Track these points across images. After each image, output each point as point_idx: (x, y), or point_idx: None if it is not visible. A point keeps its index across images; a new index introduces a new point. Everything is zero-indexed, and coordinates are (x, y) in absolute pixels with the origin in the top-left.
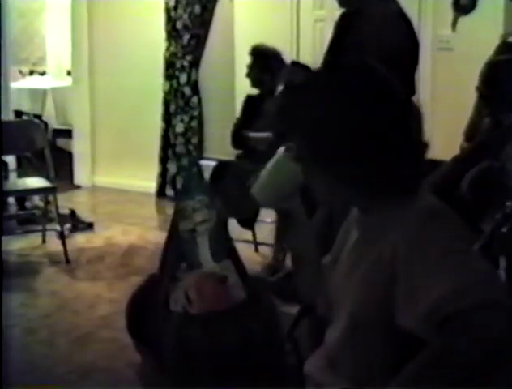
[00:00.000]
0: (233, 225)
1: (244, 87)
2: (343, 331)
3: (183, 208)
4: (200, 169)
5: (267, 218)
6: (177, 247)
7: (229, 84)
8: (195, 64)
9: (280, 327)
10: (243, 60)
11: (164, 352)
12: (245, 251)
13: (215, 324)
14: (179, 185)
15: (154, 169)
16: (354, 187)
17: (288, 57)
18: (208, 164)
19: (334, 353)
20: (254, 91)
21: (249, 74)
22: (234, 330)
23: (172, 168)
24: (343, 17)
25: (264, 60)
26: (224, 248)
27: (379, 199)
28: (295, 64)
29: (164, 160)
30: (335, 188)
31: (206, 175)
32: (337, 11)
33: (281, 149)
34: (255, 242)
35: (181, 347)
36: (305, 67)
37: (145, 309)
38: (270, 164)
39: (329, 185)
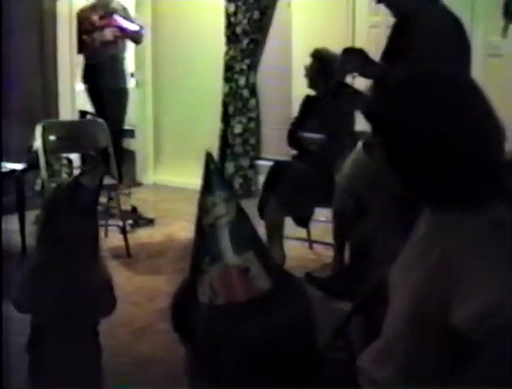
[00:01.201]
0: (289, 223)
1: (300, 90)
2: (400, 326)
3: (204, 204)
4: (218, 165)
5: (322, 217)
6: (200, 241)
7: (286, 87)
8: (253, 67)
9: (311, 318)
10: (300, 63)
11: (194, 344)
12: (299, 249)
13: (238, 314)
14: (237, 184)
15: None
16: (432, 187)
17: None
18: (265, 165)
19: (389, 349)
20: (311, 93)
21: (308, 76)
22: (257, 320)
23: (229, 167)
24: (398, 23)
25: (324, 63)
26: (246, 241)
27: (452, 203)
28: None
29: (222, 160)
30: (414, 186)
31: (263, 175)
32: (391, 18)
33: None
34: (310, 240)
35: (206, 338)
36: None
37: (186, 302)
38: (351, 158)
39: (408, 181)
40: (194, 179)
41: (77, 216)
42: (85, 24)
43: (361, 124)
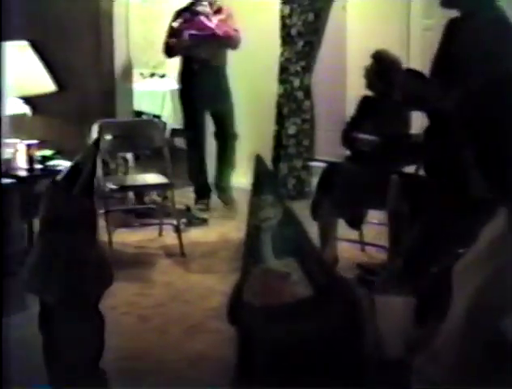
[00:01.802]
0: (342, 224)
1: (355, 92)
2: (457, 327)
3: (252, 205)
4: (267, 168)
5: (375, 219)
6: (247, 242)
7: (341, 89)
8: (308, 69)
9: (359, 320)
10: (354, 65)
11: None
12: (351, 251)
13: (270, 317)
14: (290, 185)
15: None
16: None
17: None
18: (319, 166)
19: (444, 349)
20: (368, 94)
21: (366, 77)
22: (291, 325)
23: (283, 168)
24: (450, 24)
25: (383, 65)
26: (289, 246)
27: None
28: (410, 71)
29: (275, 161)
30: (495, 186)
31: (317, 176)
32: (446, 20)
33: None
34: (362, 242)
35: (245, 337)
36: (419, 74)
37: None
38: None
39: (490, 181)
40: (248, 179)
41: (75, 197)
42: (168, 28)
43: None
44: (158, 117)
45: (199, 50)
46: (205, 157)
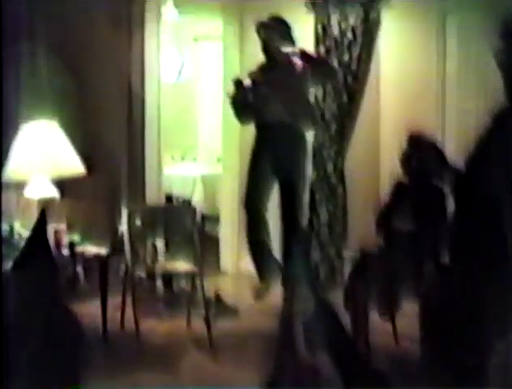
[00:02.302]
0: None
1: (389, 177)
2: None
3: (285, 296)
4: (308, 259)
5: (409, 310)
6: (280, 332)
7: (375, 174)
8: (341, 153)
9: None
10: (388, 150)
11: None
12: (385, 342)
13: None
14: (322, 274)
15: None
16: None
17: None
18: (351, 255)
19: None
20: (403, 180)
21: (402, 162)
22: None
23: (316, 256)
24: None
25: (419, 150)
26: (321, 340)
27: None
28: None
29: (307, 249)
30: None
31: (350, 264)
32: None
33: None
34: (396, 334)
35: None
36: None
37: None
38: None
39: None
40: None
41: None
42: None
43: None
44: (188, 202)
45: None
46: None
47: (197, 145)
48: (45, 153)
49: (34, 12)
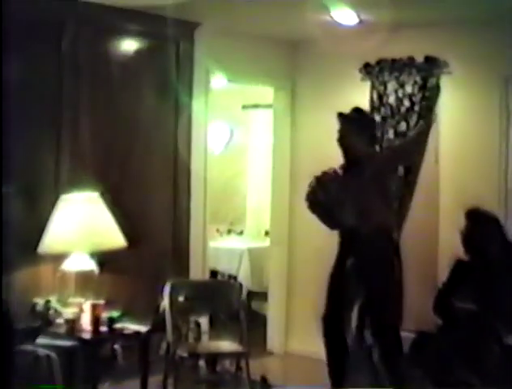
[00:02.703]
0: None
1: (448, 252)
2: None
3: None
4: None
5: None
6: None
7: (432, 250)
8: (398, 226)
9: None
10: (448, 223)
11: None
12: None
13: None
14: (375, 356)
15: None
16: None
17: None
18: (408, 336)
19: None
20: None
21: (463, 238)
22: None
23: (368, 338)
24: None
25: (479, 225)
26: None
27: None
28: None
29: (360, 329)
30: None
31: (406, 347)
32: None
33: None
34: None
35: None
36: None
37: None
38: None
39: None
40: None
41: None
42: None
43: None
44: (234, 277)
45: None
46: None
47: (244, 217)
48: (85, 225)
49: (78, 76)
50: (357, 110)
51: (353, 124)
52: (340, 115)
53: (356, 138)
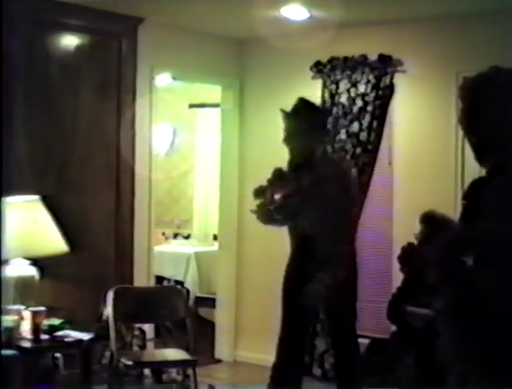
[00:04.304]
0: None
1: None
2: None
3: None
4: None
5: None
6: None
7: (387, 256)
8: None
9: None
10: (401, 227)
11: None
12: None
13: None
14: (327, 364)
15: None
16: None
17: None
18: (362, 342)
19: None
20: None
21: (419, 242)
22: None
23: (320, 345)
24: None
25: (434, 228)
26: None
27: None
28: None
29: (313, 336)
30: None
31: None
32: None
33: None
34: None
35: None
36: None
37: None
38: None
39: None
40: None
41: None
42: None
43: None
44: (181, 283)
45: None
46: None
47: (191, 221)
48: (25, 230)
49: (13, 74)
50: (303, 102)
51: (300, 119)
52: (284, 111)
53: (305, 136)
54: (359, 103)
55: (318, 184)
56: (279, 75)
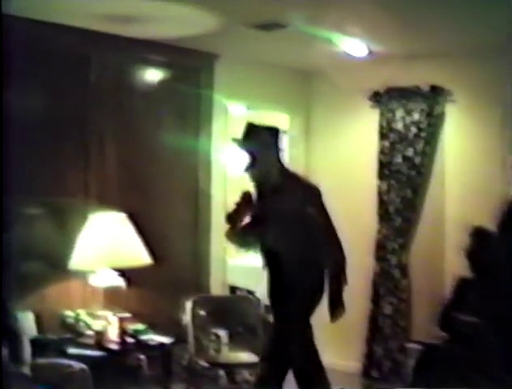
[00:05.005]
0: None
1: (454, 271)
2: None
3: None
4: None
5: None
6: None
7: (439, 268)
8: (405, 247)
9: None
10: (453, 244)
11: None
12: None
13: None
14: (385, 367)
15: (358, 349)
16: None
17: None
18: (416, 348)
19: None
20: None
21: (469, 257)
22: None
23: (378, 350)
24: None
25: (483, 243)
26: None
27: None
28: None
29: (370, 342)
30: None
31: (413, 359)
32: None
33: None
34: None
35: None
36: None
37: None
38: None
39: None
40: (338, 360)
41: None
42: None
43: None
44: (253, 293)
45: None
46: None
47: None
48: (113, 244)
49: (103, 105)
50: (250, 126)
51: (249, 143)
52: (234, 139)
53: (258, 158)
54: (413, 130)
55: (278, 203)
56: (341, 104)
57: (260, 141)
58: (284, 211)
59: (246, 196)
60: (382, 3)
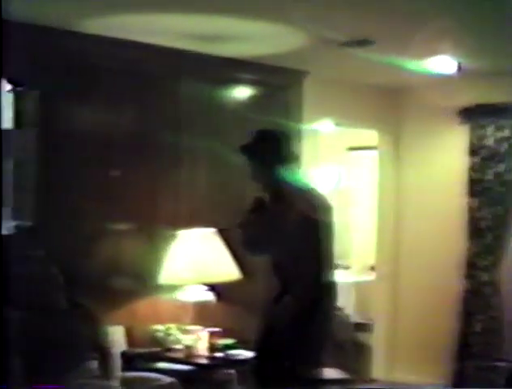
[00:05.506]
0: None
1: None
2: None
3: None
4: None
5: None
6: None
7: None
8: (496, 264)
9: None
10: None
11: None
12: None
13: None
14: (474, 385)
15: (447, 368)
16: None
17: None
18: (506, 366)
19: None
20: None
21: None
22: None
23: (469, 369)
24: None
25: None
26: None
27: None
28: None
29: (460, 360)
30: None
31: (504, 376)
32: None
33: None
34: None
35: None
36: None
37: None
38: None
39: None
40: (430, 379)
41: None
42: None
43: None
44: (341, 309)
45: None
46: None
47: (350, 253)
48: (202, 259)
49: (193, 124)
50: (256, 134)
51: (252, 151)
52: (240, 147)
53: (261, 166)
54: (504, 146)
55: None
56: (430, 120)
57: (260, 148)
58: (278, 222)
59: (257, 202)
60: (471, 19)
